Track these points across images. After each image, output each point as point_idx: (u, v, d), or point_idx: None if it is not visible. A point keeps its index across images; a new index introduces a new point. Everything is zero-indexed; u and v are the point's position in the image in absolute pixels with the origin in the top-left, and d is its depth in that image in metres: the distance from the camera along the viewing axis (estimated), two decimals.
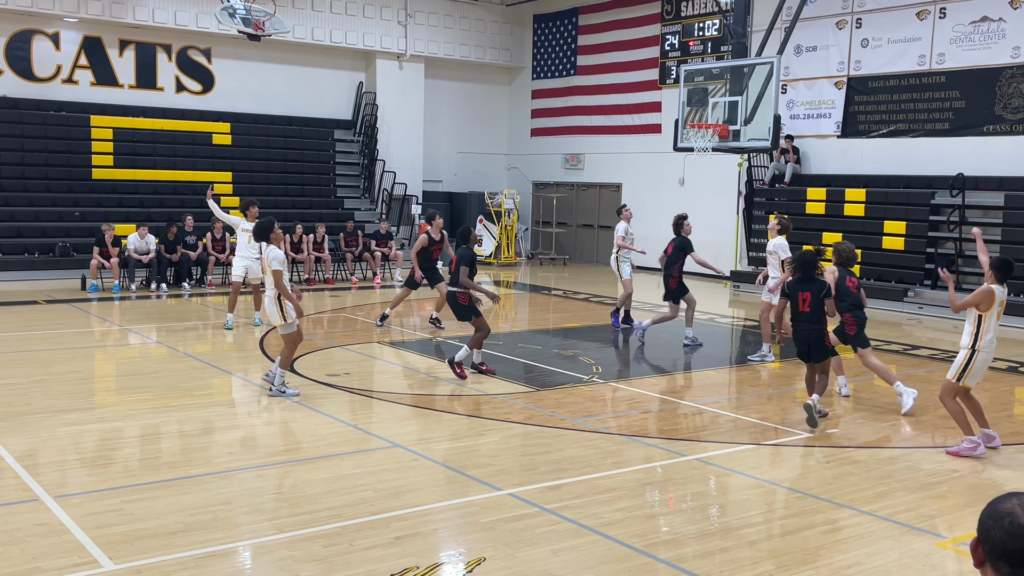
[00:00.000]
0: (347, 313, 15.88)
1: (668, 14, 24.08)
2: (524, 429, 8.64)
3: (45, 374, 10.40)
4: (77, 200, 20.94)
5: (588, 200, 26.90)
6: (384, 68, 25.75)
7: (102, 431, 8.23)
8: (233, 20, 18.08)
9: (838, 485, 7.22)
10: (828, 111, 20.61)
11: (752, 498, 6.90)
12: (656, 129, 24.36)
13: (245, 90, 24.16)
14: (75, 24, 21.84)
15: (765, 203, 21.26)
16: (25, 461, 7.23)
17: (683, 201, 22.66)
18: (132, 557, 5.48)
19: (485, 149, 28.71)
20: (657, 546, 5.90)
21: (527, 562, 5.58)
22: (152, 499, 6.52)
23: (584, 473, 7.30)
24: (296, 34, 23.38)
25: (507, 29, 27.81)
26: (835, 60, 20.39)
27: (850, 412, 9.80)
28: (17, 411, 8.71)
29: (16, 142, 20.87)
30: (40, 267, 19.07)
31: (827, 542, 6.05)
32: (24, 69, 21.53)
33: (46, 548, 5.58)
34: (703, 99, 15.80)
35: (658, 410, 9.71)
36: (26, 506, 6.29)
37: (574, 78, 26.85)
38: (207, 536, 5.86)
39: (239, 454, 7.69)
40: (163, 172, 22.29)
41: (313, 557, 5.56)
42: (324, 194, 24.51)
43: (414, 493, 6.78)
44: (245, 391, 9.84)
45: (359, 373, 11.08)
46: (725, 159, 20.75)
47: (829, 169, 20.71)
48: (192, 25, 22.53)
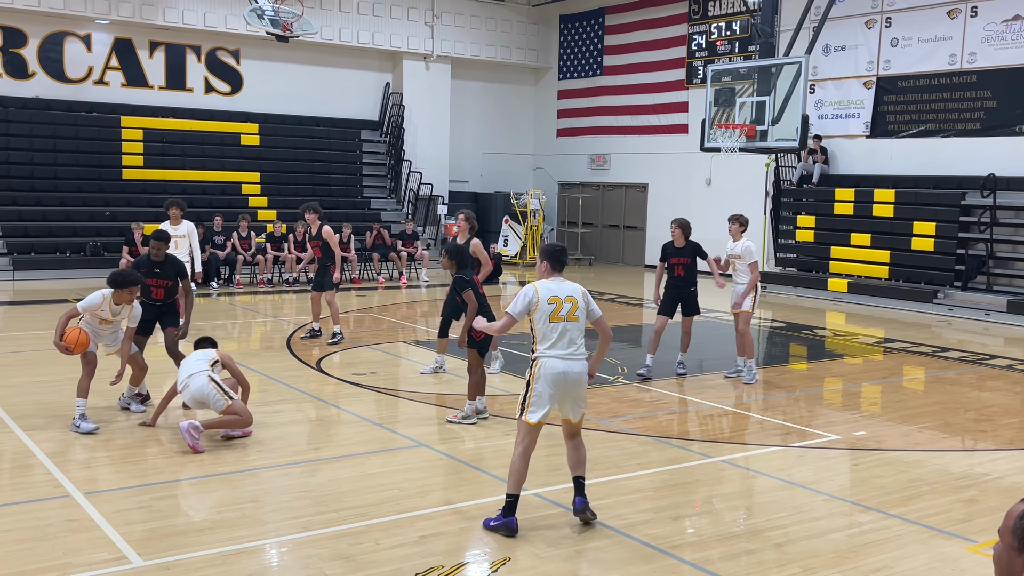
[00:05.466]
0: (373, 313, 15.94)
1: (695, 14, 23.98)
2: (549, 429, 8.62)
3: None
4: (107, 200, 21.18)
5: (614, 200, 26.84)
6: (411, 69, 25.83)
7: (131, 429, 8.31)
8: (261, 21, 18.21)
9: (866, 488, 7.16)
10: (857, 111, 20.44)
11: (778, 500, 6.86)
12: (683, 129, 24.27)
13: (273, 91, 24.33)
14: (106, 26, 22.09)
15: (793, 204, 21.12)
16: (56, 458, 7.32)
17: (710, 202, 22.58)
18: (161, 554, 5.53)
19: (511, 149, 28.72)
20: (683, 547, 5.87)
21: (552, 562, 5.58)
22: (180, 496, 6.58)
23: (609, 474, 7.29)
24: (324, 35, 23.51)
25: (533, 29, 27.81)
26: (864, 59, 20.22)
27: (878, 414, 9.71)
28: (48, 408, 8.82)
29: (48, 143, 21.14)
30: (71, 266, 19.31)
31: (854, 545, 6.00)
32: (56, 71, 21.80)
33: (77, 544, 5.65)
34: (730, 99, 15.72)
35: (684, 411, 9.67)
36: (57, 502, 6.37)
37: (600, 78, 26.80)
38: (234, 533, 5.91)
39: (266, 452, 7.74)
40: (192, 172, 22.50)
41: (339, 555, 5.59)
42: (351, 194, 24.63)
43: (439, 492, 6.80)
44: (272, 389, 9.90)
45: (385, 373, 11.12)
46: (752, 159, 20.62)
47: (857, 169, 20.54)
48: (221, 26, 22.72)
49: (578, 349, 6.10)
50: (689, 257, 11.00)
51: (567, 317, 6.07)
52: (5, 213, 19.83)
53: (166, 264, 9.15)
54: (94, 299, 8.16)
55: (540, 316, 6.04)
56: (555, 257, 6.29)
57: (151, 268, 9.07)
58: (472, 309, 8.48)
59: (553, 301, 6.06)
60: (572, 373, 6.06)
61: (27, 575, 5.21)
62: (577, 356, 6.08)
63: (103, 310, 8.20)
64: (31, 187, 20.69)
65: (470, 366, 8.79)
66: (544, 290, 6.09)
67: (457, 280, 8.71)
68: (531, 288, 6.11)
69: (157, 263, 9.10)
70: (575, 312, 6.09)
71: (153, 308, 9.10)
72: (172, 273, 9.16)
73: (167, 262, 9.18)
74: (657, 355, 11.09)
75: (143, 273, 8.98)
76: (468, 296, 8.54)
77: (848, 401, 10.51)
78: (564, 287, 6.16)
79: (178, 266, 9.26)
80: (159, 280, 9.11)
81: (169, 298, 9.21)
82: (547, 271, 6.27)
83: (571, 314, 6.08)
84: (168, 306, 9.24)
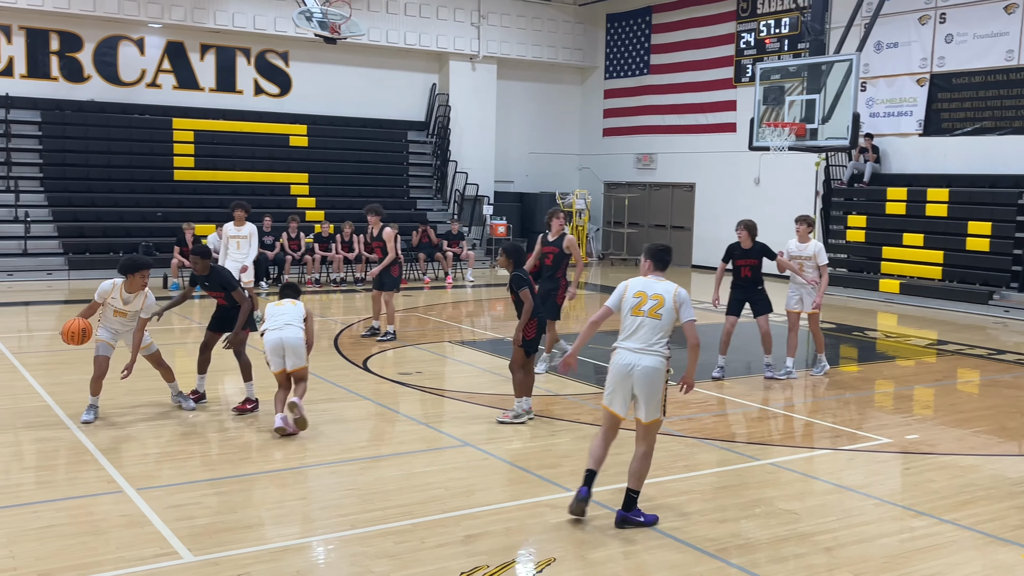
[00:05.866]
0: (419, 313, 16.02)
1: (744, 11, 23.75)
2: (594, 430, 8.59)
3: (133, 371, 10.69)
4: (160, 201, 21.56)
5: (661, 200, 26.68)
6: (457, 69, 25.91)
7: (182, 426, 8.45)
8: (310, 24, 18.38)
9: (918, 492, 7.03)
10: (909, 108, 20.10)
11: (828, 504, 6.76)
12: (731, 128, 24.06)
13: (321, 92, 24.57)
14: (159, 30, 22.48)
15: (843, 203, 20.83)
16: (109, 454, 7.46)
17: (758, 201, 22.34)
18: (210, 549, 5.61)
19: (556, 149, 28.69)
20: (729, 550, 5.81)
21: (597, 564, 5.55)
22: (230, 493, 6.67)
23: (655, 476, 7.23)
24: (371, 37, 23.69)
25: (580, 29, 27.74)
26: (917, 56, 19.87)
27: (931, 417, 9.53)
28: (102, 405, 8.98)
29: (103, 144, 21.57)
30: None
31: (906, 551, 5.89)
32: (111, 74, 22.24)
33: (129, 539, 5.75)
34: (779, 97, 15.54)
35: (731, 413, 9.57)
36: (110, 497, 6.49)
37: (647, 77, 26.66)
38: (282, 530, 5.97)
39: (314, 450, 7.81)
40: (241, 173, 22.81)
41: (385, 553, 5.62)
42: (397, 195, 24.79)
43: (484, 492, 6.81)
44: (319, 388, 9.99)
45: (431, 372, 11.17)
46: (802, 158, 20.38)
47: (910, 168, 20.19)
48: (270, 29, 23.00)
49: (652, 345, 6.21)
50: (756, 258, 10.90)
51: (647, 313, 6.23)
52: (61, 214, 20.27)
53: (212, 277, 9.07)
54: (104, 286, 8.31)
55: (624, 308, 6.31)
56: (657, 256, 6.48)
57: (201, 282, 9.12)
58: (528, 308, 8.50)
59: (638, 296, 6.29)
60: (639, 367, 6.17)
61: (81, 568, 5.31)
62: (649, 352, 6.19)
63: (114, 298, 8.25)
64: (86, 188, 21.13)
65: (514, 365, 8.75)
66: (635, 285, 6.36)
67: (514, 278, 8.68)
68: (625, 282, 6.43)
69: (204, 277, 9.06)
70: (657, 310, 6.23)
71: (224, 309, 9.17)
72: (218, 286, 9.04)
73: (212, 276, 9.06)
74: (702, 358, 10.97)
75: (196, 284, 9.17)
76: (524, 295, 8.54)
77: (900, 404, 10.33)
78: (656, 285, 6.35)
79: (223, 278, 9.09)
80: (211, 292, 9.14)
81: (232, 305, 9.09)
82: (649, 269, 6.48)
83: (652, 311, 6.23)
84: (237, 310, 9.07)
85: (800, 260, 10.97)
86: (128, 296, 8.31)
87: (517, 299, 8.66)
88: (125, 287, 8.29)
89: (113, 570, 5.29)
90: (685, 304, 6.29)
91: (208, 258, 9.12)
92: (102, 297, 8.31)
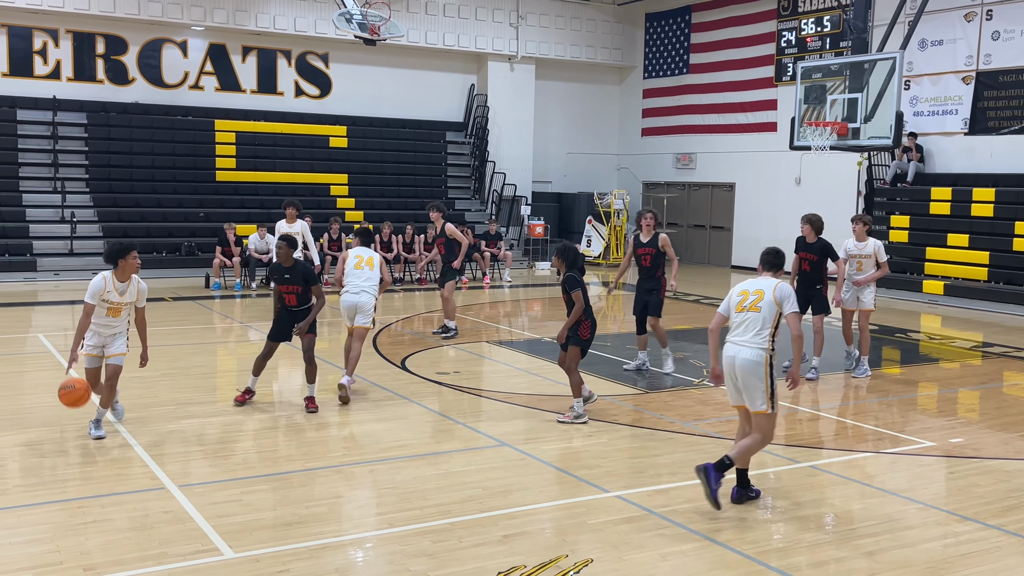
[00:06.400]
0: (457, 313, 16.04)
1: (785, 10, 23.53)
2: (632, 431, 8.58)
3: (171, 368, 10.88)
4: (202, 201, 21.84)
5: (700, 200, 26.51)
6: (495, 70, 25.95)
7: (223, 424, 8.55)
8: (350, 25, 18.51)
9: (962, 497, 6.92)
10: (954, 107, 19.78)
11: (869, 508, 6.67)
12: (771, 127, 23.84)
13: (361, 94, 24.74)
14: (201, 32, 22.78)
15: (886, 203, 20.56)
16: (152, 451, 7.58)
17: (799, 201, 22.09)
18: (251, 546, 5.67)
19: (595, 149, 28.62)
20: (769, 554, 5.76)
21: (635, 566, 5.53)
22: (270, 491, 6.74)
23: (694, 478, 7.19)
24: (410, 38, 23.80)
25: (618, 28, 27.65)
26: (963, 54, 19.55)
27: (976, 421, 9.37)
28: (145, 403, 9.13)
29: (146, 146, 21.90)
30: (167, 265, 19.98)
31: (950, 556, 5.80)
32: (155, 76, 22.58)
33: (171, 535, 5.83)
34: (821, 96, 15.39)
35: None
36: (153, 494, 6.59)
37: (687, 76, 26.50)
38: (321, 528, 6.02)
39: (352, 449, 7.87)
40: (282, 174, 23.04)
41: (423, 552, 5.65)
42: (436, 195, 24.86)
43: (522, 492, 6.81)
44: (358, 386, 10.05)
45: (468, 372, 11.19)
46: (844, 158, 20.15)
47: (955, 168, 19.87)
48: (310, 31, 23.20)
49: (752, 338, 6.44)
50: (817, 255, 10.95)
51: (749, 307, 6.52)
52: (106, 214, 20.61)
53: (295, 269, 8.90)
54: (96, 283, 7.71)
55: (731, 307, 6.64)
56: (766, 259, 6.82)
57: (281, 274, 8.93)
58: (578, 309, 8.53)
59: (742, 294, 6.63)
60: (738, 359, 6.44)
61: (125, 564, 5.40)
62: (748, 344, 6.44)
63: (109, 292, 7.74)
64: (130, 189, 21.47)
65: (571, 364, 8.75)
66: (742, 285, 6.71)
67: (568, 279, 8.67)
68: (733, 288, 6.76)
69: (286, 268, 8.89)
70: (757, 303, 6.49)
71: (289, 315, 9.00)
72: (300, 279, 8.88)
73: (296, 267, 8.91)
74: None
75: (274, 279, 9.00)
76: (576, 296, 8.55)
77: (944, 407, 10.17)
78: (759, 282, 6.64)
79: (307, 271, 8.95)
80: (289, 286, 8.93)
81: (302, 304, 8.98)
82: (760, 271, 6.81)
83: (753, 305, 6.50)
84: (303, 312, 9.00)
85: (859, 258, 11.12)
86: (122, 286, 7.82)
87: (569, 299, 8.66)
88: (117, 276, 7.79)
89: (156, 566, 5.37)
90: (787, 298, 6.48)
91: (295, 248, 9.00)
92: (96, 297, 7.72)
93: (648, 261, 10.95)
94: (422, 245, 20.28)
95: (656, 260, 10.94)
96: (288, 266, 8.91)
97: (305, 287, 8.96)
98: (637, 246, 11.03)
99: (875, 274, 11.07)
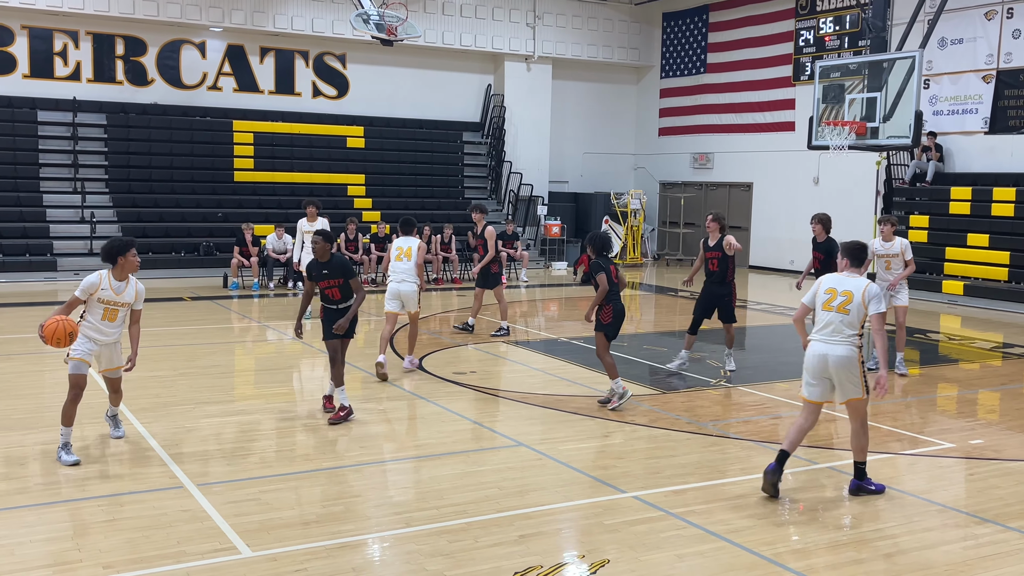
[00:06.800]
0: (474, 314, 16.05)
1: (803, 9, 23.42)
2: (649, 432, 8.56)
3: (189, 367, 10.94)
4: (220, 201, 21.94)
5: (717, 200, 26.41)
6: (512, 70, 25.96)
7: (241, 423, 8.59)
8: (367, 26, 18.56)
9: (982, 499, 6.87)
10: (974, 106, 19.63)
11: (888, 509, 6.63)
12: (789, 127, 23.74)
13: (378, 94, 24.80)
14: (220, 33, 22.89)
15: (905, 203, 20.43)
16: (171, 450, 7.62)
17: (817, 201, 21.99)
18: (268, 545, 5.70)
19: (611, 149, 28.58)
20: (786, 555, 5.74)
21: (652, 566, 5.52)
22: (287, 490, 6.76)
23: (711, 478, 7.17)
24: (427, 38, 23.83)
25: (635, 28, 27.60)
26: (983, 52, 19.40)
27: (996, 422, 9.30)
28: (163, 402, 9.19)
29: (165, 147, 22.03)
30: (186, 265, 20.09)
31: (970, 559, 5.76)
32: (173, 77, 22.71)
33: (189, 533, 5.86)
34: (839, 95, 15.30)
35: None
36: (172, 492, 6.63)
37: (704, 76, 26.42)
38: (339, 527, 6.04)
39: (369, 448, 7.89)
40: (300, 175, 23.12)
41: (439, 552, 5.66)
42: (452, 195, 24.91)
43: (538, 492, 6.81)
44: (375, 386, 10.08)
45: (485, 372, 11.20)
46: (862, 157, 20.01)
47: (975, 167, 19.72)
48: (328, 32, 23.27)
49: (843, 338, 6.63)
50: (823, 254, 11.44)
51: (836, 308, 6.69)
52: (125, 214, 20.74)
53: (332, 264, 8.72)
54: (90, 279, 7.28)
55: (817, 304, 6.81)
56: (853, 253, 6.92)
57: (320, 270, 8.74)
58: (601, 291, 8.99)
59: (829, 292, 6.76)
60: (831, 356, 6.64)
61: (144, 562, 5.43)
62: (839, 342, 6.63)
63: (104, 290, 7.27)
64: (149, 189, 21.59)
65: (598, 352, 9.23)
66: (828, 282, 6.82)
67: (593, 264, 9.14)
68: (820, 280, 6.91)
69: (324, 264, 8.73)
70: (846, 305, 6.66)
71: (333, 312, 8.78)
72: (339, 272, 8.70)
73: (333, 261, 8.75)
74: (757, 358, 10.89)
75: (313, 276, 8.82)
76: (600, 279, 8.98)
77: (963, 408, 10.10)
78: (848, 282, 6.75)
79: (344, 264, 8.80)
80: (330, 280, 8.72)
81: (345, 299, 8.77)
82: (846, 266, 6.89)
83: (841, 306, 6.68)
84: (346, 309, 8.78)
85: (887, 257, 11.30)
86: (119, 285, 7.35)
87: (596, 284, 9.10)
88: (115, 275, 7.35)
89: (174, 564, 5.40)
90: (875, 299, 6.64)
91: (331, 242, 8.83)
92: (87, 293, 7.24)
93: (715, 265, 11.02)
94: (438, 245, 20.33)
95: (723, 264, 10.99)
96: (325, 261, 8.75)
97: (345, 279, 8.77)
98: (705, 249, 11.19)
99: (904, 273, 11.27)
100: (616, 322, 9.16)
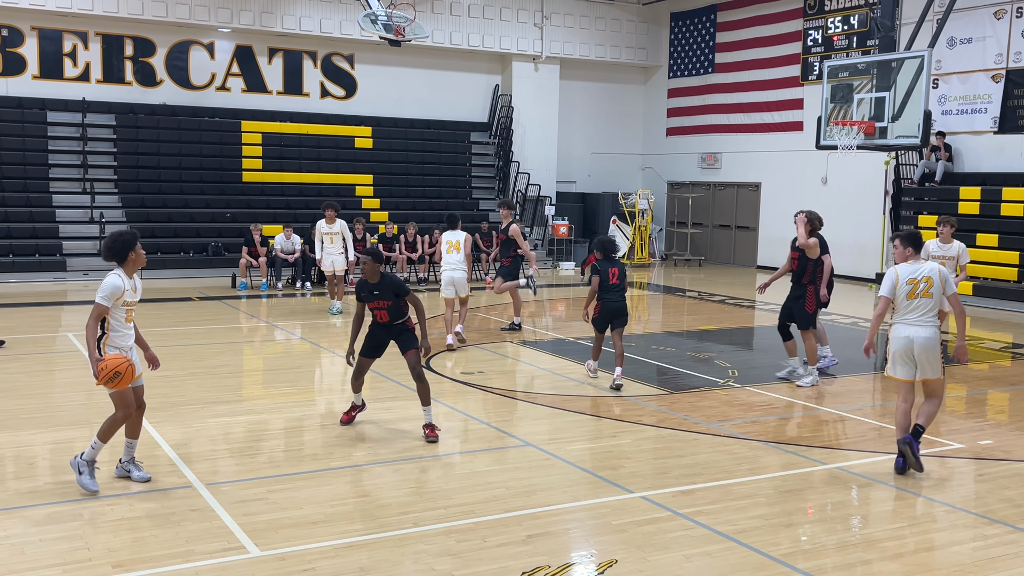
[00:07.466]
0: (481, 313, 16.08)
1: (811, 8, 23.37)
2: (657, 432, 8.56)
3: (197, 367, 10.97)
4: (229, 202, 22.00)
5: (725, 200, 26.39)
6: (520, 70, 25.96)
7: (249, 423, 8.61)
8: (375, 27, 18.59)
9: (991, 500, 6.84)
10: (984, 106, 19.56)
11: (897, 510, 6.62)
12: (797, 127, 23.69)
13: (386, 94, 24.84)
14: (228, 34, 22.95)
15: (914, 203, 20.37)
16: (179, 449, 7.64)
17: (825, 201, 21.93)
18: (277, 544, 5.71)
19: (619, 149, 28.56)
20: (795, 555, 5.73)
21: (660, 567, 5.52)
22: (295, 489, 6.78)
23: (719, 478, 7.17)
24: (435, 39, 23.86)
25: (643, 28, 27.58)
26: (992, 52, 19.33)
27: (1006, 423, 9.27)
28: (172, 402, 9.22)
29: (174, 147, 22.10)
30: (194, 265, 20.15)
31: (979, 559, 5.74)
32: (182, 78, 22.77)
33: (198, 532, 5.88)
34: (848, 95, 15.27)
35: (797, 416, 9.43)
36: (181, 492, 6.65)
37: (712, 76, 26.39)
38: (347, 527, 6.05)
39: (377, 448, 7.90)
40: (308, 175, 23.17)
41: (447, 552, 5.66)
42: (460, 195, 24.93)
43: (546, 492, 6.81)
44: (383, 387, 10.10)
45: (493, 372, 11.21)
46: (871, 157, 19.98)
47: (984, 167, 19.65)
48: (336, 32, 23.32)
49: (928, 318, 7.25)
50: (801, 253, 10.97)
51: (922, 295, 7.27)
52: (134, 215, 20.81)
53: (383, 284, 8.17)
54: (114, 283, 6.61)
55: (899, 295, 7.31)
56: (915, 242, 7.47)
57: (370, 291, 8.20)
58: (592, 291, 10.14)
59: (911, 283, 7.29)
60: (919, 338, 7.21)
61: (153, 561, 5.45)
62: (925, 323, 7.23)
63: (127, 291, 6.70)
64: (158, 189, 21.67)
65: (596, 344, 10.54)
66: (904, 272, 7.34)
67: (591, 267, 10.23)
68: (893, 271, 7.39)
69: (374, 285, 8.17)
70: (929, 290, 7.26)
71: (382, 330, 8.36)
72: (390, 293, 8.18)
73: (383, 282, 8.19)
74: (765, 358, 10.87)
75: (362, 297, 8.25)
76: (593, 280, 10.09)
77: (972, 408, 10.06)
78: (922, 268, 7.33)
79: (396, 284, 8.24)
80: (380, 302, 8.22)
81: (396, 319, 8.28)
82: (911, 255, 7.41)
83: (925, 292, 7.27)
84: (399, 327, 8.33)
85: (943, 259, 11.20)
86: (131, 283, 6.79)
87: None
88: (127, 272, 6.76)
89: (183, 563, 5.42)
90: (948, 280, 7.29)
91: (381, 262, 8.22)
92: (113, 299, 6.60)
93: (795, 265, 10.58)
94: (425, 244, 20.34)
95: (802, 266, 10.43)
96: (375, 282, 8.16)
97: (396, 300, 8.24)
98: (792, 249, 10.68)
99: (957, 279, 11.06)
100: (601, 317, 10.20)
